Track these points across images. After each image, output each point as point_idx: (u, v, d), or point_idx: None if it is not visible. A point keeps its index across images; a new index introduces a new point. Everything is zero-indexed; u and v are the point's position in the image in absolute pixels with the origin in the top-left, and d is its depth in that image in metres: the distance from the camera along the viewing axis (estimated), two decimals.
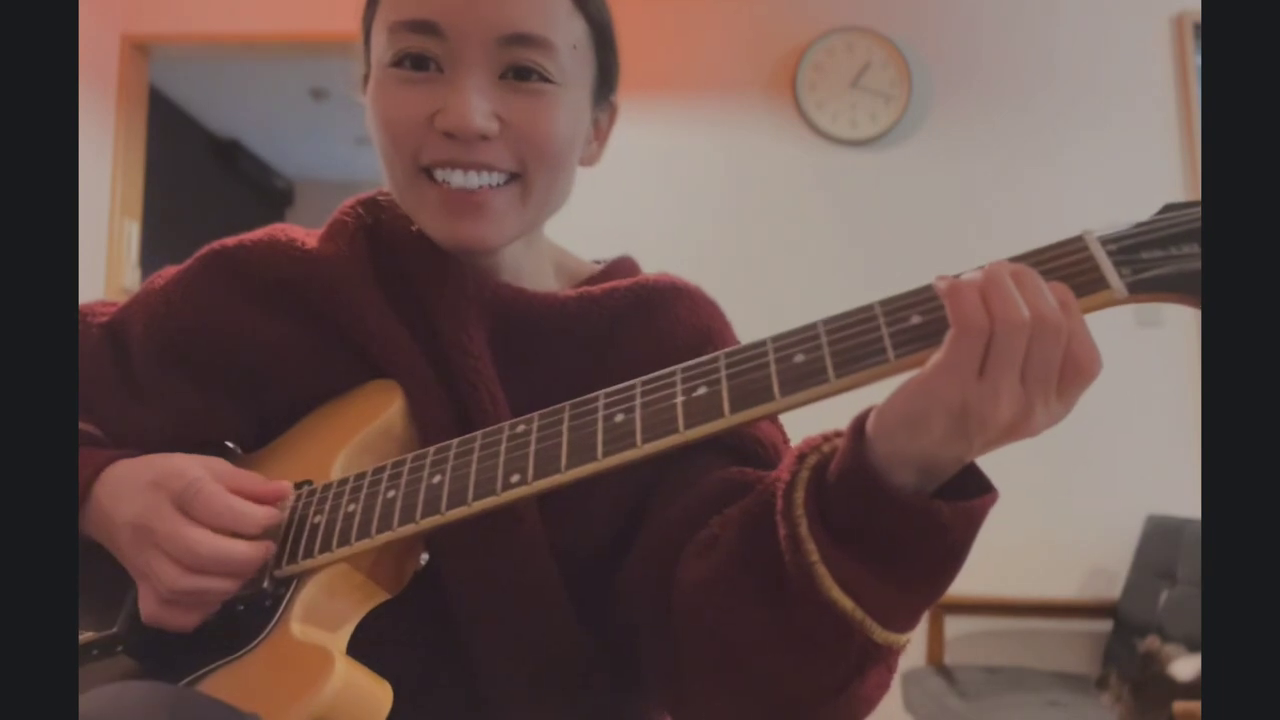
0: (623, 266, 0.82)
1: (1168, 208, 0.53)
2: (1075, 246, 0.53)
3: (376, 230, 0.77)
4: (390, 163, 0.70)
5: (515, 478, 0.59)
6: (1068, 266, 0.52)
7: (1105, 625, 2.65)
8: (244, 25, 3.15)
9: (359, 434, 0.70)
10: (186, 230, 3.07)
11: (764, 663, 0.57)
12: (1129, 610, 2.56)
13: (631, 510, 0.71)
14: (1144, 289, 0.51)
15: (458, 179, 0.67)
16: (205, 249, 0.79)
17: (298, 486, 0.68)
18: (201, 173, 4.81)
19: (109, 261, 3.06)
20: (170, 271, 0.80)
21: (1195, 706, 1.71)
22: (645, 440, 0.56)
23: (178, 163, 4.34)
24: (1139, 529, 2.70)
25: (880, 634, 0.54)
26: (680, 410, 0.56)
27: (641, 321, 0.74)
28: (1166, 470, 2.78)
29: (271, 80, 4.17)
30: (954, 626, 2.72)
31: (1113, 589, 2.70)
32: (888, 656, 0.56)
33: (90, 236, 3.01)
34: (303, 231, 0.79)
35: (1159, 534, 2.61)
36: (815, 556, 0.53)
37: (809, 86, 2.99)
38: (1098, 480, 2.82)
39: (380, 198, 0.80)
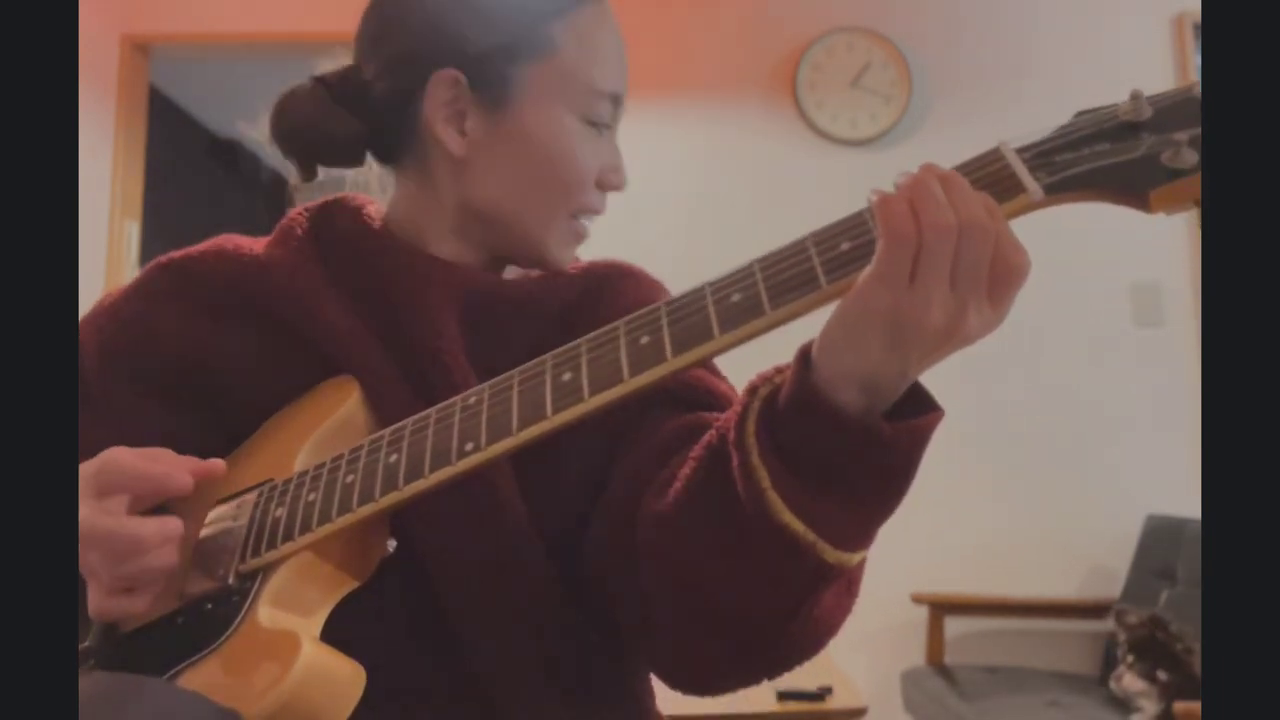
0: None
1: (1081, 113, 0.56)
2: (992, 157, 0.55)
3: (326, 231, 0.79)
4: (550, 198, 0.76)
5: (469, 445, 0.60)
6: (986, 177, 0.54)
7: (1105, 625, 2.65)
8: (244, 25, 3.15)
9: (318, 430, 0.70)
10: (186, 230, 3.06)
11: (723, 589, 0.59)
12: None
13: (600, 479, 0.73)
14: (1059, 189, 0.53)
15: (587, 222, 0.79)
16: (152, 263, 0.80)
17: (259, 485, 0.69)
18: (201, 173, 4.81)
19: (109, 261, 3.06)
20: (117, 291, 0.81)
21: (1195, 707, 1.71)
22: (592, 393, 0.58)
23: (178, 163, 4.34)
24: (1139, 529, 2.70)
25: (832, 554, 0.55)
26: (625, 360, 0.58)
27: (593, 302, 0.78)
28: (1166, 470, 2.78)
29: (271, 80, 4.15)
30: (954, 626, 2.72)
31: (1113, 589, 2.70)
32: (841, 576, 0.58)
33: (90, 236, 3.01)
34: (249, 240, 0.81)
35: (1159, 534, 2.61)
36: (767, 483, 0.55)
37: (809, 86, 2.99)
38: (1098, 480, 2.82)
39: (332, 203, 0.82)
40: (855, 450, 0.53)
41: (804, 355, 0.55)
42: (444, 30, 0.75)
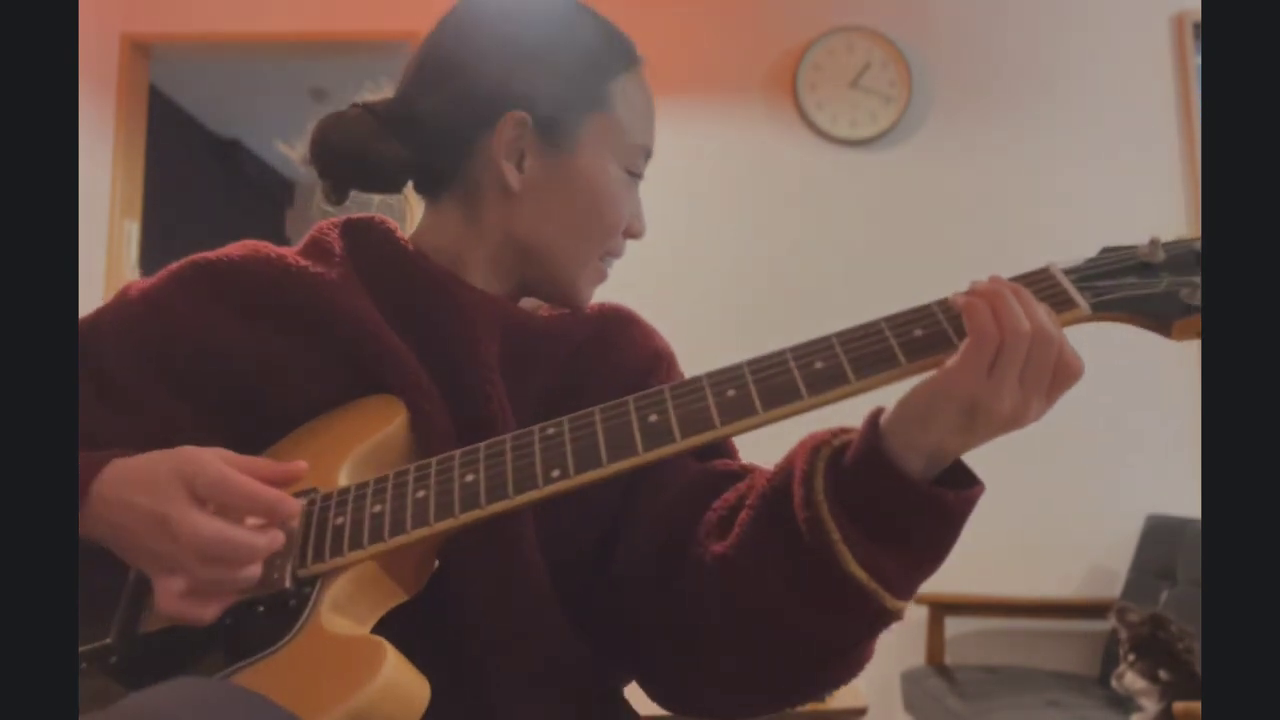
0: None
1: (1106, 250, 0.66)
2: (1044, 275, 0.65)
3: (362, 249, 0.81)
4: (590, 239, 0.82)
5: (556, 472, 0.64)
6: (1042, 291, 0.64)
7: (1105, 625, 2.65)
8: (244, 25, 3.15)
9: (362, 445, 0.71)
10: (186, 230, 3.06)
11: (782, 629, 0.67)
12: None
13: (609, 517, 0.78)
14: (1103, 309, 0.64)
15: (608, 265, 0.85)
16: (184, 261, 0.80)
17: (305, 492, 0.69)
18: (201, 173, 4.81)
19: (109, 261, 3.06)
20: (143, 284, 0.81)
21: (1196, 706, 1.71)
22: (684, 436, 0.64)
23: (178, 163, 4.33)
24: (1139, 529, 2.70)
25: (891, 602, 0.63)
26: (714, 410, 0.64)
27: (604, 346, 0.85)
28: (1166, 470, 2.78)
29: (271, 80, 4.17)
30: (954, 626, 2.72)
31: (1113, 589, 2.70)
32: (892, 621, 0.65)
33: (90, 236, 3.01)
34: (280, 248, 0.81)
35: (1159, 534, 2.61)
36: (836, 536, 0.62)
37: (809, 86, 2.99)
38: (1098, 480, 2.82)
39: (359, 222, 0.83)
40: (920, 513, 0.62)
41: (873, 424, 0.63)
42: (520, 76, 0.80)
